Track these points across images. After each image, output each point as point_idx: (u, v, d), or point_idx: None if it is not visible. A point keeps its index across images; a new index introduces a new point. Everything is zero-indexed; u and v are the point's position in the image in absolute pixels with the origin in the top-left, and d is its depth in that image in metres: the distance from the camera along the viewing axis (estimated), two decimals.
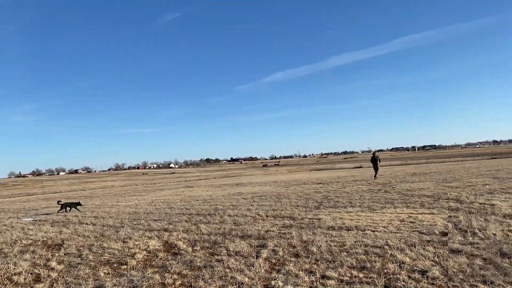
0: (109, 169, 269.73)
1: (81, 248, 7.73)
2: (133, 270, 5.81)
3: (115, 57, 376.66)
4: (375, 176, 23.59)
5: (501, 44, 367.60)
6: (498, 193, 11.57)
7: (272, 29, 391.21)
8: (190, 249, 6.90)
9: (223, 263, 5.69)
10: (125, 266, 6.06)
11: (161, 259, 6.33)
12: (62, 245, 8.14)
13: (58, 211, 15.73)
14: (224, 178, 51.00)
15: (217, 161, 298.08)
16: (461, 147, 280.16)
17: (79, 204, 16.22)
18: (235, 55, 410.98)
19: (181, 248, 7.04)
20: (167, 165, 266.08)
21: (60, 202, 16.61)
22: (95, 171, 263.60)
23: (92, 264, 6.33)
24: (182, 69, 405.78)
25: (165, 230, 9.27)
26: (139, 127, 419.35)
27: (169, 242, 7.68)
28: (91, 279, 5.47)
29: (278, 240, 6.98)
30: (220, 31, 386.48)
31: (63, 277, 5.67)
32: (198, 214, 11.80)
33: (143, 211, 13.97)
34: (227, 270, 5.33)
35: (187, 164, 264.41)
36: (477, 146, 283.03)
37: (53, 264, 6.45)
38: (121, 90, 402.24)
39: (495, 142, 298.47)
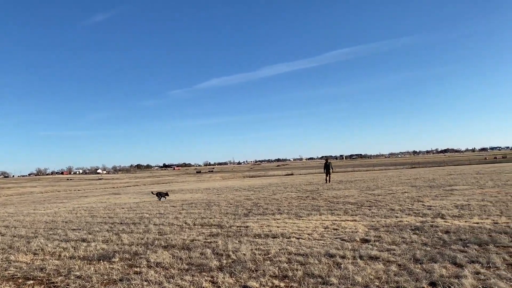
0: (29, 174, 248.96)
1: None
2: (40, 285, 5.30)
3: (37, 55, 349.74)
4: (328, 180, 25.49)
5: (422, 62, 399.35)
6: (416, 201, 12.38)
7: (209, 35, 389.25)
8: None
9: (142, 276, 5.38)
10: (32, 282, 5.51)
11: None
12: None
13: (158, 199, 19.25)
14: (155, 185, 49.47)
15: (148, 167, 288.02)
16: (385, 157, 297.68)
17: (167, 194, 19.64)
18: (169, 58, 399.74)
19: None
20: (94, 171, 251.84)
21: (153, 192, 21.05)
22: (13, 176, 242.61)
23: None
24: (111, 71, 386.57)
25: (83, 240, 8.68)
26: (63, 129, 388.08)
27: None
28: None
29: (203, 250, 6.79)
30: (154, 34, 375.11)
31: None
32: (121, 223, 11.22)
33: (61, 220, 13.03)
34: (145, 283, 5.03)
35: (116, 170, 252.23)
36: (399, 156, 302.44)
37: None
38: (42, 90, 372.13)
39: (415, 152, 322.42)
